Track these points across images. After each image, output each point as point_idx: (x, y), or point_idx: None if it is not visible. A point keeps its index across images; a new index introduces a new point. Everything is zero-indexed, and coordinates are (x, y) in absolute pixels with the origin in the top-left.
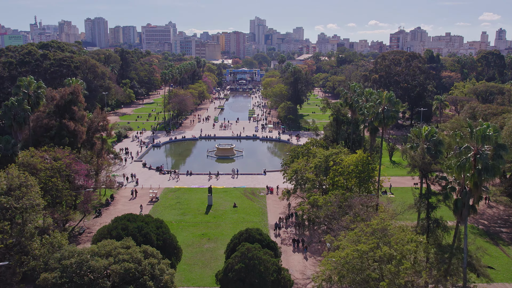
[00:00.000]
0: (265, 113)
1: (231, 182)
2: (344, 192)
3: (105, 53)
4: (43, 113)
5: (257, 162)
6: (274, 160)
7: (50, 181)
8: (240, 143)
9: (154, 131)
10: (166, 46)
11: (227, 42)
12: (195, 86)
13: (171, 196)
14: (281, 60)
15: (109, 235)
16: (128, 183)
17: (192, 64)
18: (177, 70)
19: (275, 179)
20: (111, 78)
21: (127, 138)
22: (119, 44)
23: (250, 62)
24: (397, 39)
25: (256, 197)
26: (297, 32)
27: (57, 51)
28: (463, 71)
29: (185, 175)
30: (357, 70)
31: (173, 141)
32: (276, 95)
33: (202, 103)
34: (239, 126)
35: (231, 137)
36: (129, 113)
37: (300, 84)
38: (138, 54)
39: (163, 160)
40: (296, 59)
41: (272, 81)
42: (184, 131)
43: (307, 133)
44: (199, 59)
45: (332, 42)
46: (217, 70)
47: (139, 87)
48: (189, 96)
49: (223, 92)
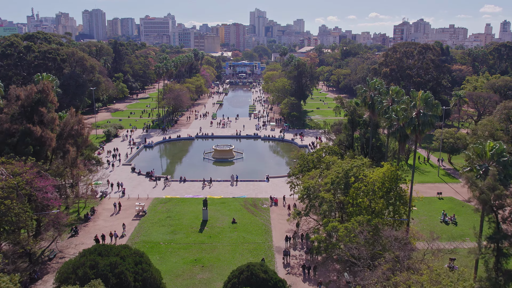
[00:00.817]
0: (267, 109)
1: (229, 191)
2: (370, 218)
3: (97, 45)
4: (6, 116)
5: (259, 165)
6: (277, 164)
7: (3, 203)
8: (240, 143)
9: (147, 129)
10: (164, 39)
11: (226, 34)
12: (192, 80)
13: (161, 208)
14: (283, 53)
15: (74, 274)
16: (113, 192)
17: (189, 56)
18: (173, 63)
19: (279, 186)
20: (102, 71)
21: (117, 138)
22: (117, 36)
23: (250, 55)
24: (401, 31)
25: (259, 209)
26: (298, 24)
27: (43, 43)
28: (474, 64)
29: (178, 182)
30: (364, 63)
31: (167, 141)
32: (278, 90)
33: (200, 98)
34: (239, 123)
35: (230, 136)
36: (122, 109)
37: (304, 78)
38: (133, 46)
39: (154, 163)
40: (298, 52)
41: (274, 74)
42: (180, 129)
43: (312, 131)
44: (197, 51)
45: (334, 34)
46: (216, 63)
47: (133, 81)
48: (185, 91)
49: (222, 86)
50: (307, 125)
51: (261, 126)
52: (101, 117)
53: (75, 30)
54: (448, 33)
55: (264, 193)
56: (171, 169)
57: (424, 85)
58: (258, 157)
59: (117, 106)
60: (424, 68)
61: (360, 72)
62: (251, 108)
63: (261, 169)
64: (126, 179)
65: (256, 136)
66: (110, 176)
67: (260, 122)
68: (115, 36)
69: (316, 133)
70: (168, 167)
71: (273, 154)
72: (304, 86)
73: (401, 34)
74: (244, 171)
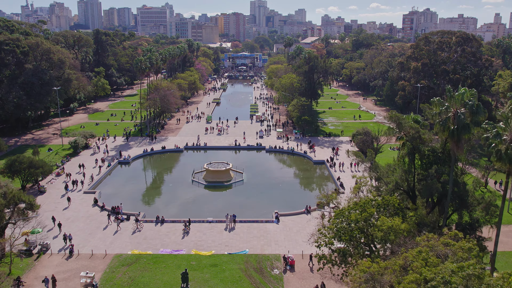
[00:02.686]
0: (271, 108)
1: (224, 240)
2: None
3: (74, 36)
4: None
5: (264, 193)
6: (289, 190)
7: None
8: (239, 156)
9: (128, 137)
10: (161, 29)
11: (226, 24)
12: (185, 75)
13: (122, 277)
14: (288, 43)
15: None
16: (57, 248)
17: (181, 48)
18: (160, 57)
19: (294, 232)
20: (75, 66)
21: (87, 149)
22: (114, 26)
23: (251, 46)
24: (410, 21)
25: (266, 278)
26: (299, 14)
27: (3, 32)
28: (504, 57)
29: (153, 224)
30: (381, 56)
31: (148, 154)
32: (285, 88)
33: (195, 95)
34: (239, 128)
35: (228, 147)
36: (102, 109)
37: (316, 74)
38: (120, 37)
39: (126, 190)
40: (301, 42)
41: (279, 69)
42: (167, 137)
43: (328, 140)
44: (192, 42)
45: (338, 24)
46: (214, 55)
47: (118, 76)
48: (175, 90)
49: (220, 81)
50: (321, 132)
51: (265, 131)
52: (75, 120)
53: (70, 21)
54: (457, 23)
55: (274, 244)
56: (147, 200)
57: (462, 83)
58: (263, 179)
59: (98, 105)
60: (461, 63)
61: (378, 66)
62: (252, 108)
63: (267, 200)
64: (83, 218)
65: (259, 147)
66: (64, 214)
67: (264, 127)
68: (111, 26)
69: (332, 142)
70: (143, 196)
71: (282, 174)
72: (316, 84)
73: (411, 24)
74: (244, 203)
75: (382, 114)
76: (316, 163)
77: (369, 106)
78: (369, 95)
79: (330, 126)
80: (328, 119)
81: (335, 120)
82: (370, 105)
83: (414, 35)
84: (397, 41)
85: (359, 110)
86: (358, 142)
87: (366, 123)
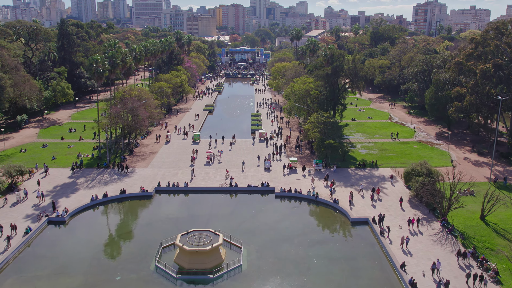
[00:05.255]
0: (277, 118)
1: None
2: None
3: (30, 27)
4: None
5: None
6: (321, 284)
7: None
8: (235, 204)
9: (79, 168)
10: (156, 21)
11: (224, 16)
12: (170, 76)
13: None
14: (295, 36)
15: None
16: None
17: (166, 42)
18: (133, 54)
19: None
20: (17, 67)
21: (10, 193)
22: (108, 19)
23: (251, 39)
24: (424, 12)
25: None
26: (301, 6)
27: None
28: None
29: None
30: (411, 52)
31: (98, 204)
32: (299, 97)
33: (183, 100)
34: (236, 152)
35: (220, 189)
36: (62, 120)
37: (343, 79)
38: (97, 29)
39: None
40: (306, 35)
41: (286, 68)
42: (134, 169)
43: (363, 175)
44: (181, 34)
45: (344, 17)
46: (209, 50)
47: (88, 77)
48: (149, 100)
49: (216, 80)
50: (351, 160)
51: (273, 157)
52: (19, 138)
53: (63, 13)
54: (470, 15)
55: None
56: None
57: None
58: (275, 263)
59: (59, 115)
60: None
61: (411, 65)
62: (254, 119)
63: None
64: None
65: (266, 189)
66: None
67: (270, 149)
68: (105, 19)
69: (369, 177)
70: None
71: (304, 249)
72: (342, 91)
73: (424, 16)
74: None
75: (423, 128)
76: (355, 222)
77: (402, 116)
78: (397, 100)
79: (360, 150)
80: (354, 137)
81: (364, 139)
82: (403, 115)
83: (427, 28)
84: (412, 34)
85: (391, 122)
86: (418, 189)
87: (407, 144)
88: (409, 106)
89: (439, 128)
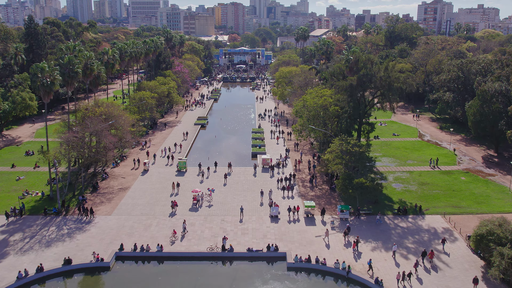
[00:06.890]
0: (283, 136)
1: None
2: None
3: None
4: None
5: None
6: None
7: None
8: (230, 274)
9: (19, 214)
10: (153, 20)
11: (223, 15)
12: (154, 84)
13: None
14: (301, 36)
15: None
16: None
17: (151, 43)
18: (104, 58)
19: None
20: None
21: None
22: (105, 18)
23: (251, 39)
24: (433, 11)
25: None
26: (302, 5)
27: None
28: None
29: None
30: (439, 55)
31: (25, 285)
32: (314, 114)
33: (171, 112)
34: (232, 189)
35: (207, 255)
36: (23, 138)
37: (371, 90)
38: (77, 27)
39: None
40: (310, 35)
41: (293, 73)
42: (93, 219)
43: (406, 227)
44: (170, 33)
45: (347, 16)
46: (205, 51)
47: (61, 84)
48: (123, 119)
49: (212, 85)
50: (385, 202)
51: (279, 194)
52: None
53: (58, 12)
54: (478, 14)
55: None
56: None
57: None
58: None
59: (21, 131)
60: None
61: (443, 71)
62: (255, 137)
63: None
64: None
65: (274, 255)
66: None
67: (276, 183)
68: (102, 18)
69: (417, 233)
70: None
71: None
72: (370, 106)
73: (434, 14)
74: None
75: (464, 150)
76: None
77: (433, 133)
78: (422, 110)
79: (394, 184)
80: (383, 163)
81: (395, 166)
82: (433, 130)
83: (437, 27)
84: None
85: (423, 140)
86: (507, 269)
87: (452, 174)
88: (438, 118)
89: (483, 150)
